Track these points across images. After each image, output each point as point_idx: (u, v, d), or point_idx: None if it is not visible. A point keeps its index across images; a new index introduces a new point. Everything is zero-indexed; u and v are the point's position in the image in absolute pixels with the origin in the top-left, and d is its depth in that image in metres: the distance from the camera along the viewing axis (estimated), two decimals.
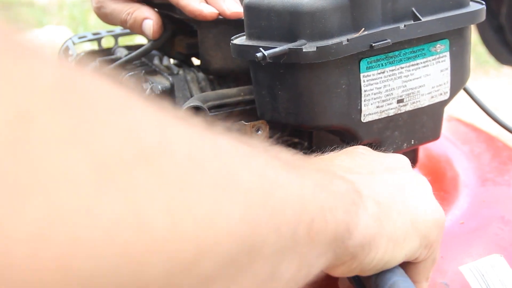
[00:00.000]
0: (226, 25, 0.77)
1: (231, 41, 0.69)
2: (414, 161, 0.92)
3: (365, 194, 0.48)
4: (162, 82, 0.80)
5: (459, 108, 1.71)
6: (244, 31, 0.69)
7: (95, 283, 0.23)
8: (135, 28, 0.81)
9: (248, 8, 0.67)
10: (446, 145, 1.03)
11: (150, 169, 0.26)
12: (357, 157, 0.57)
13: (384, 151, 0.73)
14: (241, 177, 0.32)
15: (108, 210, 0.24)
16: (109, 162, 0.24)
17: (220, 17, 0.75)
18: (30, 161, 0.22)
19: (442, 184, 0.93)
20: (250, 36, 0.68)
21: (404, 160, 0.60)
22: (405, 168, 0.58)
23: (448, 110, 1.10)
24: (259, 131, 0.70)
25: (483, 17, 0.72)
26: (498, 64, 2.59)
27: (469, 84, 0.80)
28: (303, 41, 0.63)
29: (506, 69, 2.88)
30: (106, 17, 0.82)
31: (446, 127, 1.11)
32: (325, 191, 0.42)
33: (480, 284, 0.71)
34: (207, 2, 0.75)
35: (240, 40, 0.69)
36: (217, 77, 0.84)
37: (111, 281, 0.24)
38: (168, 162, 0.27)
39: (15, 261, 0.21)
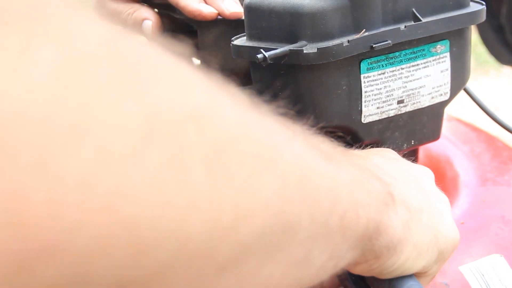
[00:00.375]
0: (226, 25, 0.77)
1: (232, 42, 0.69)
2: (414, 161, 0.92)
3: (397, 199, 0.49)
4: None
5: (459, 108, 1.71)
6: (244, 32, 0.69)
7: (140, 230, 0.24)
8: (135, 29, 0.81)
9: (248, 9, 0.68)
10: (446, 145, 1.03)
11: (198, 129, 0.26)
12: (390, 160, 0.58)
13: None
14: (281, 155, 0.32)
15: (153, 161, 0.24)
16: (159, 114, 0.25)
17: (220, 17, 0.75)
18: (82, 104, 0.23)
19: (442, 184, 0.93)
20: (250, 37, 0.68)
21: (430, 174, 0.62)
22: (432, 182, 0.60)
23: (448, 110, 1.10)
24: None
25: (483, 18, 0.72)
26: (498, 64, 2.59)
27: (469, 84, 0.80)
28: (303, 42, 0.63)
29: (506, 69, 2.88)
30: (106, 18, 0.82)
31: (446, 127, 1.11)
32: (361, 188, 0.43)
33: (480, 284, 0.71)
34: (206, 3, 0.76)
35: (241, 40, 0.69)
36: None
37: (153, 233, 0.24)
38: (216, 124, 0.28)
39: (65, 198, 0.22)
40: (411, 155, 0.90)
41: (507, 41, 1.72)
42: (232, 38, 0.70)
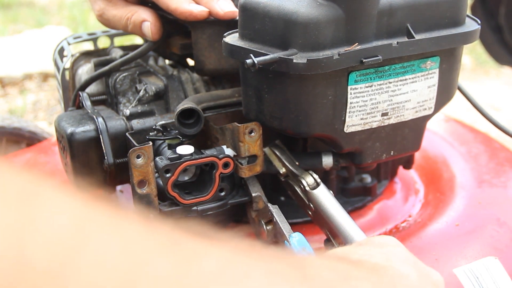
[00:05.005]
0: (219, 26, 0.76)
1: (223, 39, 0.69)
2: (410, 162, 0.92)
3: None
4: (156, 83, 0.80)
5: (458, 109, 1.70)
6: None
7: None
8: (137, 32, 0.80)
9: (243, 9, 0.67)
10: (443, 146, 1.02)
11: None
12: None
13: (363, 160, 0.73)
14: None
15: None
16: None
17: (211, 17, 0.75)
18: None
19: (439, 185, 0.93)
20: (242, 37, 0.67)
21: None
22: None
23: (448, 111, 1.10)
24: (252, 133, 0.70)
25: (476, 38, 0.71)
26: (498, 64, 2.58)
27: (468, 83, 0.80)
28: (294, 50, 0.63)
29: (506, 69, 2.87)
30: (109, 24, 0.82)
31: (443, 128, 1.11)
32: None
33: (474, 287, 0.70)
34: (198, 3, 0.75)
35: (233, 38, 0.68)
36: (212, 78, 0.84)
37: None
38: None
39: None
40: (407, 156, 0.90)
41: (505, 42, 1.72)
42: (225, 34, 0.70)
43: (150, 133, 0.74)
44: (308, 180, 0.71)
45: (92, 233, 0.31)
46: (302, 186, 0.71)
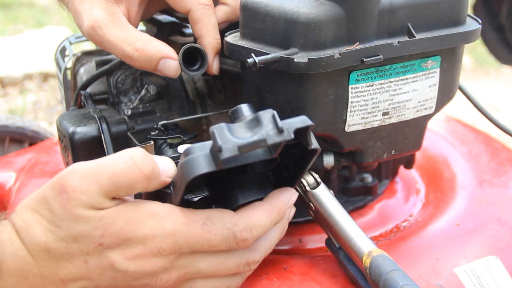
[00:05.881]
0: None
1: (224, 38, 0.69)
2: (411, 162, 0.92)
3: None
4: (158, 82, 0.80)
5: (459, 108, 1.71)
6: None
7: None
8: (146, 66, 0.69)
9: (244, 8, 0.67)
10: (444, 146, 1.03)
11: None
12: None
13: (364, 160, 0.73)
14: None
15: None
16: None
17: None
18: None
19: (439, 185, 0.93)
20: (244, 36, 0.68)
21: None
22: None
23: (448, 110, 1.10)
24: None
25: (477, 37, 0.71)
26: (498, 64, 2.58)
27: (468, 83, 0.80)
28: (295, 49, 0.63)
29: (506, 69, 2.87)
30: (101, 42, 0.69)
31: (444, 128, 1.11)
32: None
33: (475, 286, 0.70)
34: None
35: (234, 37, 0.69)
36: (213, 77, 0.84)
37: None
38: None
39: None
40: (408, 156, 0.90)
41: (507, 41, 1.73)
42: (226, 34, 0.70)
43: (152, 133, 0.74)
44: (309, 179, 0.71)
45: None
46: (302, 186, 0.71)
